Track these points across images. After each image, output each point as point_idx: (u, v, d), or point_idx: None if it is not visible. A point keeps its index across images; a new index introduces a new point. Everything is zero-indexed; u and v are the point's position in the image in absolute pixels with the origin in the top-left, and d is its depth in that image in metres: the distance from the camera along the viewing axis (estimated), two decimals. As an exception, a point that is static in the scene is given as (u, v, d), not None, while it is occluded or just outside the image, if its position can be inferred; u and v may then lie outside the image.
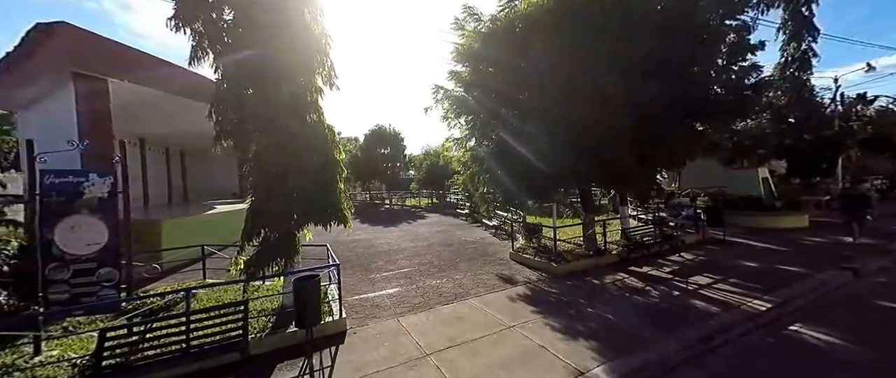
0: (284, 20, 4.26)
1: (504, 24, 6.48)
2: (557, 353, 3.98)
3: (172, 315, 4.24)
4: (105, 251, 4.28)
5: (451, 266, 8.03)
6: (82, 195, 4.22)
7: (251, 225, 4.95)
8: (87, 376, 3.33)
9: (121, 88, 7.95)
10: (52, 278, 4.04)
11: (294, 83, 4.42)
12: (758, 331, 4.57)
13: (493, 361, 3.90)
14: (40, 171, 4.07)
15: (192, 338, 3.86)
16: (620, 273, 6.83)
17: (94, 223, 4.25)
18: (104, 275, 4.27)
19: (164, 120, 12.32)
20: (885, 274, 6.82)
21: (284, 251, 4.99)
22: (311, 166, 4.86)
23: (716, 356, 4.02)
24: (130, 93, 8.40)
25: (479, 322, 4.95)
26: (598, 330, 4.54)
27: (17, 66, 7.73)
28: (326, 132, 5.02)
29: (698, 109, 6.30)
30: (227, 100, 4.45)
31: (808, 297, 5.57)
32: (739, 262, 7.47)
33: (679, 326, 4.53)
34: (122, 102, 8.26)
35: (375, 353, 4.23)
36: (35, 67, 7.21)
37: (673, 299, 5.55)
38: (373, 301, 6.03)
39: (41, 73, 7.34)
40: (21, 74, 7.55)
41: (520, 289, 6.29)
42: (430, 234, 12.75)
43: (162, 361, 3.65)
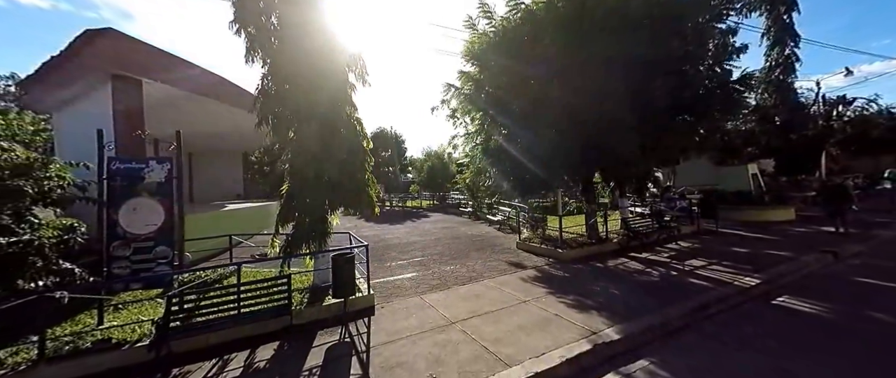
0: (324, 24, 4.69)
1: (514, 23, 6.91)
2: (572, 320, 4.38)
3: (225, 287, 4.58)
4: (161, 231, 4.65)
5: (461, 255, 8.41)
6: (143, 180, 4.60)
7: (286, 208, 5.33)
8: (157, 335, 3.68)
9: (149, 88, 8.35)
10: (115, 255, 4.39)
11: (333, 79, 4.85)
12: (748, 302, 5.01)
13: (514, 326, 4.29)
14: (107, 159, 4.45)
15: (243, 306, 4.23)
16: (622, 258, 7.25)
17: (153, 205, 4.62)
18: (160, 252, 4.63)
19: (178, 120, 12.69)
20: (861, 257, 7.32)
21: (318, 233, 5.36)
22: (343, 155, 5.27)
23: (711, 321, 4.44)
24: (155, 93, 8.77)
25: (495, 298, 5.34)
26: (606, 302, 4.94)
27: (58, 69, 8.12)
28: (356, 124, 5.44)
29: (690, 106, 6.78)
30: (270, 92, 4.85)
31: (793, 276, 6.03)
32: (731, 248, 7.93)
33: (678, 299, 4.94)
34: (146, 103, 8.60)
35: (405, 323, 4.60)
36: (77, 70, 7.59)
37: (671, 278, 5.97)
38: (393, 283, 6.40)
39: (82, 75, 7.71)
40: (62, 77, 7.93)
41: (529, 272, 6.69)
42: (436, 230, 13.12)
43: (217, 324, 4.01)
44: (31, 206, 3.51)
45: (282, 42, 4.65)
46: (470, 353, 3.71)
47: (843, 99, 15.61)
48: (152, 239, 4.59)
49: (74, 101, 9.31)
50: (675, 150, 7.39)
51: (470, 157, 9.18)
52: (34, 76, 8.88)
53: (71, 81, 8.08)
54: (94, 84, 8.00)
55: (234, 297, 4.22)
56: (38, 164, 3.60)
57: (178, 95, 9.57)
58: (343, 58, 4.98)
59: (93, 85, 8.09)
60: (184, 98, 9.89)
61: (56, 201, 3.74)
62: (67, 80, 8.09)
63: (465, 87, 8.33)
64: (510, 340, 3.92)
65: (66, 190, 3.86)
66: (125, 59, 7.53)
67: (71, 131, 9.86)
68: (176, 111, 11.32)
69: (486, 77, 7.98)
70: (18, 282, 3.29)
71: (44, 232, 3.65)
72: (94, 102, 8.58)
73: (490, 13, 7.83)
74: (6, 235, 3.25)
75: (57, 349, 3.47)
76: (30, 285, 3.49)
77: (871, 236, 8.82)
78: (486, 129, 8.11)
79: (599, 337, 3.87)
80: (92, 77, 7.70)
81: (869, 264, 6.75)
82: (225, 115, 12.79)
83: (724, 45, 7.85)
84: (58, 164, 3.83)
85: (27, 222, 3.44)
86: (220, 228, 8.60)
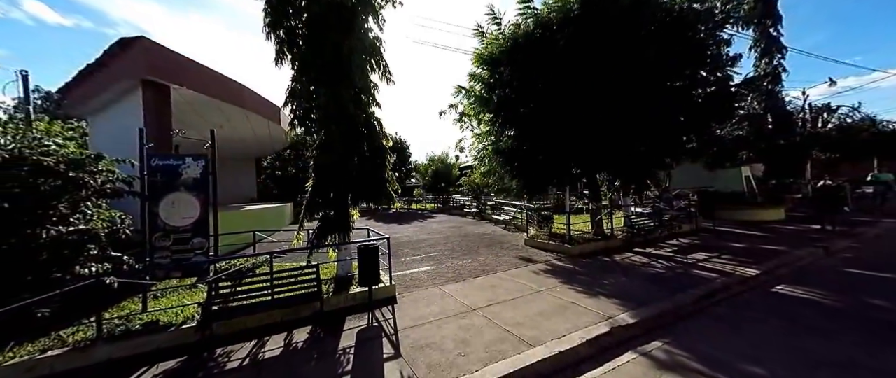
0: (351, 26, 4.88)
1: (524, 28, 7.11)
2: (586, 307, 4.49)
3: (259, 275, 4.68)
4: (198, 224, 4.75)
5: (472, 251, 8.51)
6: (181, 176, 4.71)
7: (312, 202, 5.45)
8: (203, 317, 3.78)
9: (177, 95, 8.53)
10: (156, 245, 4.50)
11: (359, 80, 5.02)
12: (750, 291, 5.13)
13: (533, 313, 4.39)
14: (148, 156, 4.58)
15: (276, 293, 4.33)
16: (627, 253, 7.37)
17: (190, 200, 4.73)
18: (197, 244, 4.73)
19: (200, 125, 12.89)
20: (850, 251, 7.48)
21: (342, 225, 5.48)
22: (366, 152, 5.42)
23: (718, 307, 4.56)
24: (181, 98, 8.96)
25: (510, 288, 5.44)
26: (616, 291, 5.05)
27: (94, 75, 8.32)
28: (378, 123, 5.60)
29: (691, 111, 6.99)
30: (301, 93, 5.02)
31: (789, 267, 6.16)
32: (730, 243, 8.06)
33: (685, 288, 5.06)
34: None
35: (427, 309, 4.70)
36: (111, 75, 7.78)
37: (676, 270, 6.09)
38: (410, 276, 6.49)
39: (116, 80, 7.89)
40: (97, 82, 8.12)
41: (540, 265, 6.79)
42: (443, 229, 13.21)
43: (255, 309, 4.11)
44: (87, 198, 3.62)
45: (310, 45, 4.83)
46: (494, 335, 3.81)
47: (828, 107, 15.95)
48: (189, 231, 4.69)
49: (106, 107, 9.48)
50: (676, 153, 7.58)
51: (479, 157, 9.33)
52: (72, 83, 9.09)
53: (105, 87, 8.26)
54: (125, 90, 8.18)
55: (268, 285, 4.34)
56: (90, 159, 3.73)
57: (202, 101, 9.76)
58: (368, 59, 5.15)
59: (125, 90, 8.26)
60: (207, 103, 10.08)
61: (107, 194, 3.85)
62: (102, 86, 8.29)
63: (476, 90, 8.52)
64: (531, 324, 4.03)
65: (115, 184, 3.98)
66: (155, 66, 7.72)
67: (102, 135, 10.05)
68: (199, 117, 11.51)
69: (496, 80, 8.18)
70: (76, 268, 3.39)
71: (96, 223, 3.76)
72: (124, 108, 8.75)
73: (498, 19, 8.06)
74: (66, 224, 3.36)
75: (111, 330, 3.56)
76: (84, 271, 3.59)
77: (858, 233, 8.99)
78: (497, 130, 8.28)
79: (616, 321, 3.98)
80: (124, 82, 7.88)
81: (858, 258, 6.90)
82: (244, 121, 13.01)
83: (720, 54, 8.10)
84: (107, 159, 3.96)
85: (81, 213, 3.56)
86: (243, 225, 8.72)
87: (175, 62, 8.07)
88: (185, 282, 5.20)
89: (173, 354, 3.60)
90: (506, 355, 3.37)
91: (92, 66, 7.57)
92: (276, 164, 29.46)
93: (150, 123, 7.90)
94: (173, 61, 8.04)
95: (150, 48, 7.32)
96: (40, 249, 3.16)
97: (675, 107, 6.68)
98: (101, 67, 7.62)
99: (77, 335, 3.42)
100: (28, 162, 3.17)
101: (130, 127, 8.41)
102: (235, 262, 5.22)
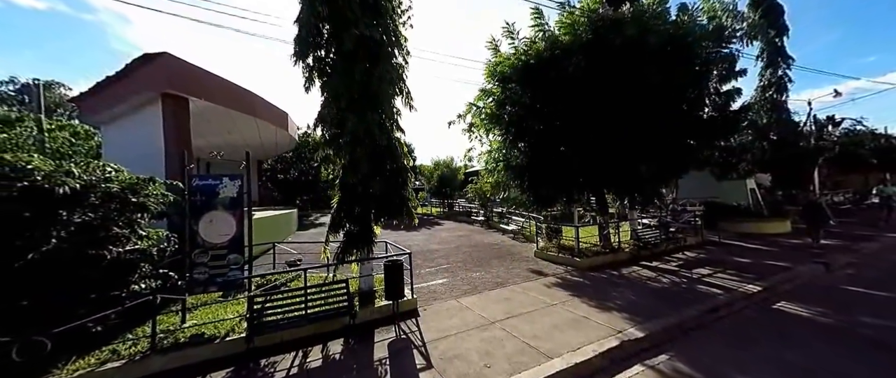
0: (379, 58, 5.36)
1: (537, 47, 7.57)
2: (598, 321, 4.96)
3: (293, 290, 5.13)
4: (233, 240, 5.21)
5: (484, 263, 8.98)
6: (218, 195, 5.18)
7: (338, 218, 5.92)
8: (249, 330, 4.23)
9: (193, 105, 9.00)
10: (196, 261, 4.96)
11: (385, 107, 5.50)
12: (752, 306, 5.60)
13: (548, 326, 4.85)
14: (188, 175, 5.04)
15: (310, 307, 4.79)
16: (634, 267, 7.85)
17: (226, 217, 5.20)
18: (232, 259, 5.19)
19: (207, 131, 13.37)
20: (851, 267, 7.94)
21: (365, 241, 5.95)
22: (389, 171, 5.90)
23: (721, 323, 5.03)
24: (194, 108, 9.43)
25: (525, 301, 5.90)
26: (625, 306, 5.53)
27: (110, 88, 8.78)
28: (401, 145, 6.08)
29: (696, 129, 7.49)
30: (330, 118, 5.49)
31: (790, 284, 6.64)
32: (734, 258, 8.54)
33: (690, 303, 5.53)
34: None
35: (449, 322, 5.15)
36: (132, 87, 8.27)
37: (682, 285, 6.57)
38: (428, 289, 6.94)
39: (137, 92, 8.37)
40: (118, 93, 8.59)
41: (551, 279, 7.26)
42: (452, 238, 13.67)
43: (289, 323, 4.56)
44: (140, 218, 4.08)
45: (340, 75, 5.30)
46: (514, 347, 4.27)
47: (833, 119, 16.51)
48: (226, 247, 5.16)
49: (120, 118, 9.96)
50: (683, 167, 8.07)
51: (489, 169, 9.81)
52: (87, 93, 9.54)
53: (123, 98, 8.74)
54: (143, 101, 8.67)
55: (302, 299, 4.80)
56: (143, 183, 4.18)
57: (216, 111, 10.24)
58: (393, 87, 5.64)
59: (142, 102, 8.75)
60: (220, 112, 10.56)
61: (155, 214, 4.30)
62: (120, 97, 8.76)
63: (488, 107, 9.01)
64: (547, 337, 4.49)
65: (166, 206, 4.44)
66: (176, 79, 8.21)
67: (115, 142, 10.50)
68: (209, 125, 12.00)
69: (507, 97, 8.66)
70: (132, 285, 3.84)
71: (146, 241, 4.21)
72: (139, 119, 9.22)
73: (512, 34, 8.55)
74: (122, 244, 3.81)
75: (158, 342, 4.01)
76: (136, 288, 4.04)
77: (859, 249, 9.45)
78: (508, 144, 8.76)
79: (625, 335, 4.45)
80: (144, 95, 8.37)
81: (857, 275, 7.34)
82: (252, 127, 13.49)
83: (730, 69, 8.62)
84: (159, 182, 4.42)
85: (136, 233, 4.01)
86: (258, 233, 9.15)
87: (194, 75, 8.56)
88: (213, 296, 5.63)
89: (220, 365, 4.04)
90: (527, 367, 3.83)
91: (112, 77, 8.04)
92: (277, 166, 29.88)
93: (169, 134, 8.39)
94: (193, 75, 8.53)
95: (172, 63, 7.82)
96: (103, 269, 3.61)
97: (679, 127, 7.19)
98: (122, 79, 8.10)
99: (131, 348, 3.87)
100: (97, 189, 3.62)
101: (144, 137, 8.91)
102: (271, 278, 5.67)
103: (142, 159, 8.45)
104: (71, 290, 3.39)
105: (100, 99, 9.10)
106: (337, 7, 5.03)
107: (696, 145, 7.68)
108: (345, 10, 4.99)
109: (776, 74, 16.30)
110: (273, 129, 14.23)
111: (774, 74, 16.22)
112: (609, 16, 6.88)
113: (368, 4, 5.21)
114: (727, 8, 9.96)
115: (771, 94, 16.27)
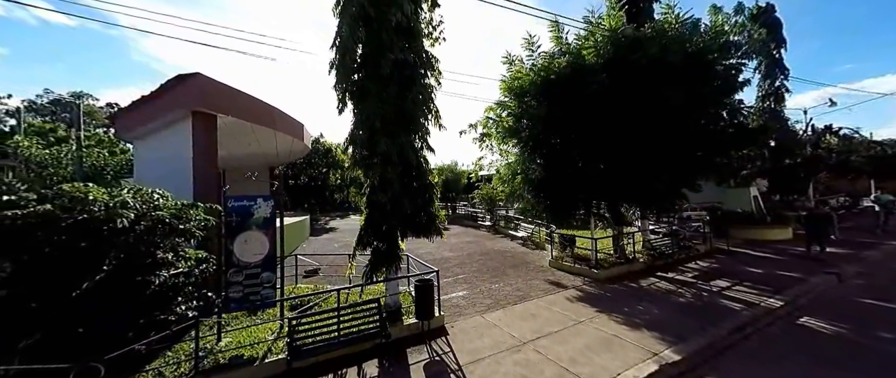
0: (413, 82, 5.22)
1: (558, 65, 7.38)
2: (629, 340, 4.79)
3: (326, 310, 4.96)
4: (266, 259, 5.06)
5: (500, 273, 8.80)
6: (252, 215, 5.02)
7: (365, 235, 5.76)
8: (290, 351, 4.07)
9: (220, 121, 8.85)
10: (231, 280, 4.80)
11: (416, 127, 5.35)
12: (776, 323, 5.43)
13: (581, 347, 4.68)
14: (224, 197, 4.89)
15: (342, 327, 4.63)
16: (651, 278, 7.68)
17: (260, 237, 5.04)
18: (265, 278, 5.03)
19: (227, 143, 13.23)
20: (860, 277, 7.77)
21: (393, 258, 5.78)
22: (417, 189, 5.74)
23: (750, 342, 4.86)
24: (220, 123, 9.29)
25: (552, 318, 5.73)
26: (653, 323, 5.35)
27: (144, 106, 8.66)
28: (424, 160, 5.92)
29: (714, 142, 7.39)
30: (361, 140, 5.34)
31: (807, 296, 6.47)
32: (746, 268, 8.37)
33: (716, 320, 5.36)
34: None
35: (480, 342, 4.98)
36: (165, 105, 8.16)
37: (703, 299, 6.40)
38: (450, 301, 6.77)
39: (169, 110, 8.26)
40: (150, 111, 8.49)
41: (571, 291, 7.09)
42: (463, 245, 13.49)
43: (327, 345, 4.39)
44: (184, 242, 3.93)
45: (375, 98, 5.15)
46: (552, 373, 4.10)
47: (830, 128, 16.38)
48: (259, 266, 5.00)
49: (149, 135, 9.82)
50: (701, 178, 7.97)
51: (504, 180, 9.65)
52: (121, 111, 9.40)
53: (155, 116, 8.62)
54: (174, 119, 8.52)
55: (335, 320, 4.63)
56: (186, 208, 4.03)
57: (240, 125, 10.10)
58: (424, 109, 5.49)
59: (173, 120, 8.61)
60: (243, 127, 10.41)
61: (196, 237, 4.16)
62: (152, 115, 8.64)
63: (504, 120, 8.86)
64: (584, 360, 4.32)
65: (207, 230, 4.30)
66: (206, 98, 8.06)
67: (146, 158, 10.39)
68: (230, 138, 11.85)
69: (523, 111, 8.50)
70: (176, 308, 3.68)
71: (188, 263, 4.06)
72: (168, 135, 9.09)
73: (532, 46, 8.41)
74: (168, 268, 3.66)
75: (201, 365, 3.84)
76: (179, 309, 3.87)
77: (865, 257, 9.29)
78: (525, 158, 8.61)
79: (662, 357, 4.28)
80: (176, 112, 8.23)
81: (870, 285, 7.17)
82: (270, 139, 13.34)
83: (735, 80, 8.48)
84: (201, 207, 4.28)
85: (180, 257, 3.86)
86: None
87: (223, 94, 8.42)
88: (237, 315, 5.45)
89: (260, 389, 3.88)
90: (570, 394, 3.67)
91: (146, 97, 7.92)
92: (287, 172, 29.74)
93: (198, 150, 8.23)
94: (222, 93, 8.40)
95: (204, 82, 7.71)
96: (151, 294, 3.46)
97: (699, 141, 7.06)
98: (156, 98, 7.97)
99: (176, 371, 3.71)
100: (147, 218, 3.47)
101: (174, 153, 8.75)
102: (307, 299, 5.51)
103: (171, 174, 8.29)
104: (121, 315, 3.24)
105: (134, 116, 8.98)
106: (373, 30, 4.88)
107: (714, 158, 7.54)
108: (381, 33, 4.85)
109: (774, 85, 16.24)
110: (289, 139, 14.09)
111: (772, 85, 16.15)
112: (632, 35, 6.75)
113: (402, 27, 5.07)
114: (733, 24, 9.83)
115: (769, 104, 16.20)
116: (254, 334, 4.90)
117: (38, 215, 2.96)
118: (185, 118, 8.16)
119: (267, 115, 10.91)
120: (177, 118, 8.35)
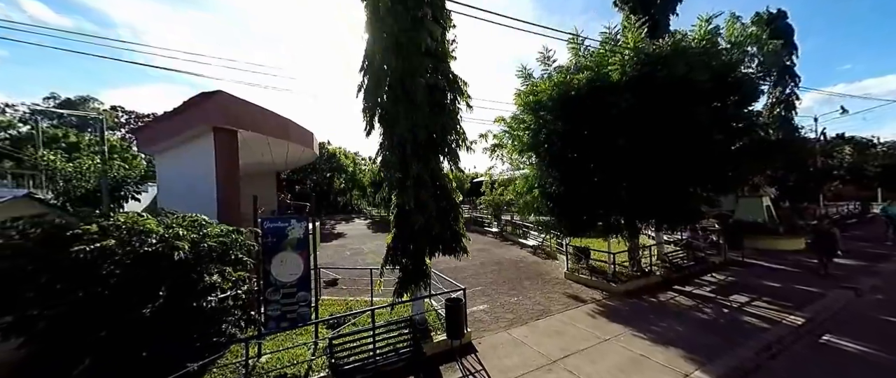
0: (441, 104, 5.35)
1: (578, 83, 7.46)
2: (658, 361, 4.89)
3: (362, 329, 5.09)
4: (301, 279, 5.19)
5: (516, 284, 8.91)
6: (287, 236, 5.16)
7: (394, 253, 5.89)
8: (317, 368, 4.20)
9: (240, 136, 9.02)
10: (269, 299, 4.94)
11: (445, 150, 5.48)
12: (800, 341, 5.52)
13: (611, 366, 4.79)
14: (260, 219, 5.03)
15: (378, 345, 4.77)
16: (669, 292, 7.77)
17: (295, 258, 5.18)
18: (301, 297, 5.17)
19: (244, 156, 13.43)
20: (879, 292, 7.80)
21: (421, 275, 5.90)
22: (444, 210, 5.86)
23: (776, 362, 4.95)
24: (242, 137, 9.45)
25: (577, 335, 5.84)
26: (679, 341, 5.46)
27: (167, 121, 8.83)
28: (447, 178, 6.04)
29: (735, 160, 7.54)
30: (393, 163, 5.47)
31: (827, 312, 6.56)
32: (763, 282, 8.44)
33: (740, 339, 5.46)
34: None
35: (509, 360, 5.09)
36: (188, 121, 8.34)
37: (725, 315, 6.49)
38: (472, 316, 6.85)
39: (191, 126, 8.43)
40: (174, 127, 8.67)
41: (592, 306, 7.19)
42: (474, 253, 13.37)
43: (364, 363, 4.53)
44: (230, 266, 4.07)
45: (407, 120, 5.28)
46: (587, 393, 4.21)
47: (842, 136, 16.44)
48: (295, 286, 5.14)
49: (176, 148, 10.04)
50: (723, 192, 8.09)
51: (520, 192, 9.78)
52: (143, 127, 9.57)
53: (177, 132, 8.80)
54: (196, 135, 8.70)
55: (371, 338, 4.77)
56: (233, 234, 4.18)
57: (257, 139, 10.27)
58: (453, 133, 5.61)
59: (194, 135, 8.79)
60: (261, 140, 10.59)
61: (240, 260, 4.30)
62: (175, 131, 8.82)
63: (520, 135, 8.96)
64: (616, 382, 4.43)
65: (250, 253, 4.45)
66: (228, 115, 8.25)
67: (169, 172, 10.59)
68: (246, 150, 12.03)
69: (540, 125, 8.59)
70: (226, 328, 3.83)
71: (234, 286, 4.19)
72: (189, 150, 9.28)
73: (548, 60, 8.53)
74: (217, 292, 3.81)
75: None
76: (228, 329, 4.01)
77: (880, 270, 9.33)
78: (542, 171, 8.73)
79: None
80: (198, 128, 8.39)
81: (888, 301, 7.22)
82: (283, 149, 13.54)
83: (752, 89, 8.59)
84: (245, 232, 4.43)
85: (227, 280, 4.00)
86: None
87: (244, 110, 8.61)
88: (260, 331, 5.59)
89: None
90: (608, 418, 3.78)
91: (169, 112, 8.08)
92: (294, 177, 29.92)
93: (220, 164, 8.39)
94: (243, 110, 8.58)
95: (226, 99, 7.89)
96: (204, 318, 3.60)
97: (724, 161, 7.19)
98: (179, 114, 8.13)
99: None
100: (199, 248, 3.61)
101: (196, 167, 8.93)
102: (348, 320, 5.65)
103: (194, 188, 8.46)
104: (178, 338, 3.40)
105: (157, 131, 9.16)
106: (403, 55, 5.01)
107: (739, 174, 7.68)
108: (411, 58, 4.98)
109: (784, 92, 16.31)
110: (300, 148, 14.30)
111: (783, 92, 16.22)
112: (656, 53, 6.86)
113: (430, 51, 5.20)
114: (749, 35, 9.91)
115: (779, 111, 16.27)
116: (292, 352, 5.04)
117: (104, 250, 3.10)
118: (206, 134, 8.33)
119: (282, 128, 11.10)
120: (199, 133, 8.52)
